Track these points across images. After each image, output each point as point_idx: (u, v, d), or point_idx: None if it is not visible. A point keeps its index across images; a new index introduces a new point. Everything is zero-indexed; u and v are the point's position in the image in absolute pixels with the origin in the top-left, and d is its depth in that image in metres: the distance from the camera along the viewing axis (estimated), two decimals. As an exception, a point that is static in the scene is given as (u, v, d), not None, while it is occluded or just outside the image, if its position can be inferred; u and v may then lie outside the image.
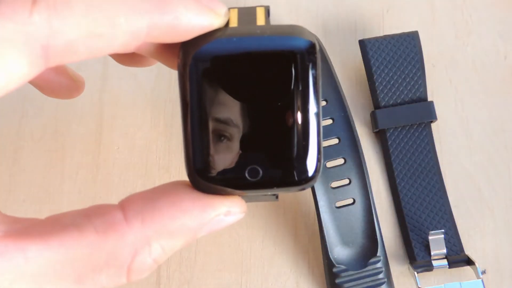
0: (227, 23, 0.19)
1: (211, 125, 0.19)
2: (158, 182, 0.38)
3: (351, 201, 0.34)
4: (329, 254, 0.33)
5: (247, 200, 0.21)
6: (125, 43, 0.18)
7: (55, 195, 0.38)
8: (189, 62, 0.18)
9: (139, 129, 0.39)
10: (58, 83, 0.25)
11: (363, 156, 0.34)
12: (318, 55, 0.18)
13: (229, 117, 0.19)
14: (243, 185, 0.19)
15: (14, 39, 0.16)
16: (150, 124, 0.40)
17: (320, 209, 0.33)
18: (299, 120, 0.18)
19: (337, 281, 0.33)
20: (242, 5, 0.42)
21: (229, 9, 0.20)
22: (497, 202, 0.37)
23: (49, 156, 0.39)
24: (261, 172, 0.19)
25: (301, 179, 0.19)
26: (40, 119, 0.39)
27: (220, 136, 0.19)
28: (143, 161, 0.39)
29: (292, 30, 0.19)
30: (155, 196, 0.19)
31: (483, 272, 0.36)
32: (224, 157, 0.19)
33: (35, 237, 0.17)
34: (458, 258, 0.35)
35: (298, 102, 0.18)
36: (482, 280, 0.33)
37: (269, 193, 0.20)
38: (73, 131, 0.39)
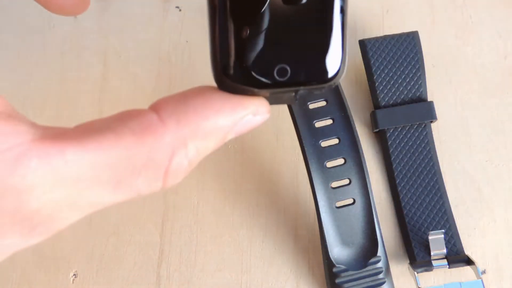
0: None
1: (238, 25, 0.19)
2: (158, 182, 0.38)
3: (351, 201, 0.34)
4: (329, 254, 0.33)
5: (270, 102, 0.21)
6: None
7: (55, 195, 0.38)
8: None
9: (139, 129, 0.39)
10: None
11: (363, 156, 0.34)
12: None
13: (256, 17, 0.19)
14: (271, 84, 0.19)
15: None
16: (150, 124, 0.39)
17: (320, 209, 0.33)
18: (325, 18, 0.19)
19: (337, 281, 0.33)
20: None
21: None
22: (497, 202, 0.37)
23: (49, 156, 0.39)
24: (289, 70, 0.19)
25: (326, 77, 0.19)
26: (40, 119, 0.39)
27: (248, 36, 0.19)
28: (143, 161, 0.39)
29: None
30: (186, 98, 0.19)
31: (483, 272, 0.36)
32: (252, 57, 0.19)
33: (71, 140, 0.17)
34: (458, 258, 0.35)
35: (323, 6, 0.19)
36: (482, 280, 0.33)
37: (294, 92, 0.20)
38: None
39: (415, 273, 0.34)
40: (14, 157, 0.16)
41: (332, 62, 0.19)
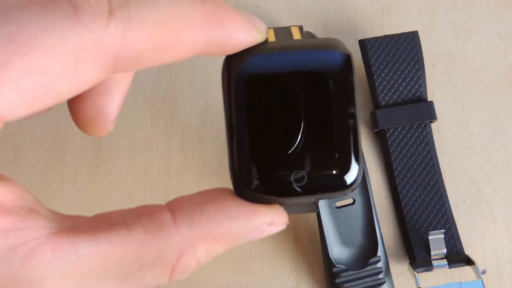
0: (266, 40, 0.20)
1: (255, 135, 0.20)
2: (158, 182, 0.38)
3: (351, 201, 0.34)
4: (329, 254, 0.33)
5: (289, 211, 0.21)
6: (183, 56, 0.19)
7: (55, 195, 0.38)
8: (234, 75, 0.19)
9: (139, 129, 0.39)
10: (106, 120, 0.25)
11: (363, 156, 0.34)
12: (354, 65, 0.20)
13: (272, 127, 0.20)
14: (288, 192, 0.20)
15: (90, 48, 0.16)
16: (150, 124, 0.40)
17: (320, 209, 0.33)
18: (339, 127, 0.19)
19: (337, 281, 0.33)
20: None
21: (267, 29, 0.21)
22: (497, 202, 0.37)
23: (49, 156, 0.39)
24: (306, 177, 0.19)
25: (344, 184, 0.20)
26: (40, 119, 0.39)
27: (264, 146, 0.20)
28: (143, 161, 0.39)
29: (329, 43, 0.20)
30: (203, 200, 0.20)
31: (483, 272, 0.36)
32: (269, 166, 0.20)
33: (85, 234, 0.18)
34: (458, 258, 0.35)
35: (338, 110, 0.19)
36: (482, 280, 0.33)
37: (312, 200, 0.21)
38: (73, 131, 0.40)
39: (415, 273, 0.34)
40: (29, 251, 0.17)
41: (349, 169, 0.19)
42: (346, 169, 0.19)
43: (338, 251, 0.34)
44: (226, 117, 0.20)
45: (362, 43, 0.39)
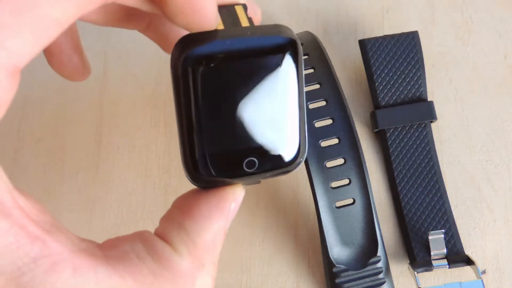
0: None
1: (206, 122, 0.20)
2: (158, 182, 0.38)
3: (351, 201, 0.34)
4: (329, 254, 0.33)
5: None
6: None
7: (55, 195, 0.38)
8: (182, 62, 0.19)
9: (139, 129, 0.39)
10: (69, 57, 0.25)
11: (363, 156, 0.34)
12: (300, 51, 0.20)
13: (223, 115, 0.20)
14: (240, 175, 0.21)
15: None
16: (150, 124, 0.40)
17: (320, 209, 0.33)
18: (285, 112, 0.21)
19: (337, 281, 0.33)
20: None
21: None
22: (497, 202, 0.37)
23: (49, 156, 0.39)
24: (256, 163, 0.21)
25: (289, 164, 0.21)
26: (40, 119, 0.40)
27: (215, 133, 0.20)
28: (143, 161, 0.39)
29: (275, 30, 0.20)
30: (180, 218, 0.20)
31: (483, 272, 0.36)
32: (221, 153, 0.20)
33: (101, 259, 0.18)
34: (458, 258, 0.35)
35: (283, 94, 0.20)
36: (482, 280, 0.33)
37: (260, 179, 0.22)
38: (73, 131, 0.40)
39: (415, 273, 0.34)
40: (51, 265, 0.17)
41: (293, 151, 0.21)
42: (290, 152, 0.21)
43: (338, 251, 0.34)
44: (176, 106, 0.20)
45: (362, 43, 0.39)
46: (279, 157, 0.21)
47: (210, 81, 0.20)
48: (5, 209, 0.16)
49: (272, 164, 0.21)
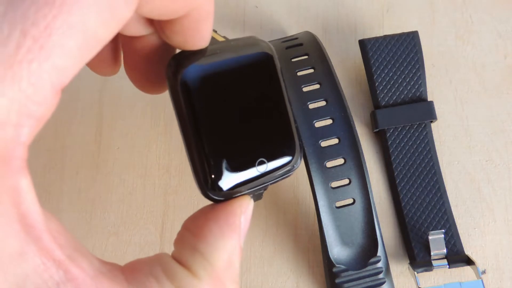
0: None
1: (211, 136, 0.21)
2: (158, 182, 0.38)
3: (351, 201, 0.34)
4: (329, 254, 0.33)
5: None
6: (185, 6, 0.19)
7: (55, 195, 0.38)
8: (182, 77, 0.21)
9: (139, 129, 0.39)
10: (108, 55, 0.26)
11: (363, 156, 0.34)
12: (276, 61, 0.22)
13: (224, 123, 0.21)
14: (253, 178, 0.21)
15: None
16: (150, 124, 0.40)
17: (320, 209, 0.33)
18: (278, 114, 0.22)
19: (337, 281, 0.33)
20: (243, 4, 0.42)
21: None
22: (497, 202, 0.37)
23: (49, 156, 0.39)
24: (266, 162, 0.21)
25: (292, 163, 0.22)
26: (40, 119, 0.39)
27: (222, 144, 0.21)
28: (143, 161, 0.39)
29: (251, 43, 0.22)
30: (192, 241, 0.21)
31: (483, 272, 0.36)
32: (230, 160, 0.21)
33: (122, 283, 0.18)
34: (458, 258, 0.35)
35: (274, 100, 0.22)
36: (482, 280, 0.33)
37: (267, 184, 0.23)
38: (73, 131, 0.40)
39: (415, 273, 0.34)
40: None
41: (294, 151, 0.22)
42: (292, 149, 0.22)
43: (338, 251, 0.34)
44: (180, 125, 0.21)
45: (362, 43, 0.39)
46: (283, 155, 0.22)
47: (208, 95, 0.21)
48: (36, 232, 0.17)
49: (278, 162, 0.22)
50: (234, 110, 0.21)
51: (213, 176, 0.21)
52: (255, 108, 0.22)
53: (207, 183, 0.21)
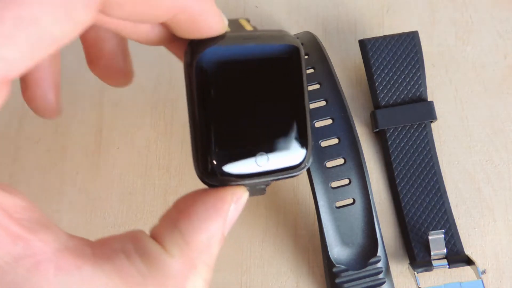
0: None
1: (218, 120, 0.20)
2: (158, 182, 0.38)
3: (351, 201, 0.34)
4: (329, 254, 0.33)
5: None
6: (158, 14, 0.19)
7: (55, 195, 0.38)
8: (196, 62, 0.20)
9: (139, 129, 0.39)
10: (45, 94, 0.26)
11: (363, 156, 0.34)
12: (302, 56, 0.21)
13: (233, 114, 0.21)
14: (251, 173, 0.21)
15: None
16: (150, 124, 0.40)
17: (320, 209, 0.33)
18: (292, 111, 0.21)
19: (337, 281, 0.33)
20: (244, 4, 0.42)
21: None
22: (497, 202, 0.37)
23: (49, 156, 0.39)
24: (268, 158, 0.21)
25: (298, 165, 0.21)
26: (40, 119, 0.39)
27: (227, 131, 0.21)
28: (143, 161, 0.39)
29: (279, 35, 0.22)
30: (174, 218, 0.20)
31: (483, 272, 0.36)
32: (232, 149, 0.21)
33: (89, 257, 0.18)
34: (458, 258, 0.35)
35: (291, 96, 0.21)
36: (482, 280, 0.33)
37: (269, 180, 0.22)
38: (73, 131, 0.40)
39: (415, 273, 0.34)
40: (34, 264, 0.16)
41: (301, 152, 0.21)
42: (300, 151, 0.21)
43: (338, 251, 0.34)
44: (189, 106, 0.21)
45: (362, 43, 0.39)
46: (289, 157, 0.21)
47: (223, 81, 0.20)
48: None
49: (282, 162, 0.21)
50: (248, 99, 0.21)
51: (210, 160, 0.20)
52: (271, 100, 0.21)
53: (204, 166, 0.20)
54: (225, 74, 0.20)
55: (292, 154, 0.21)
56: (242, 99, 0.21)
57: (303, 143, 0.21)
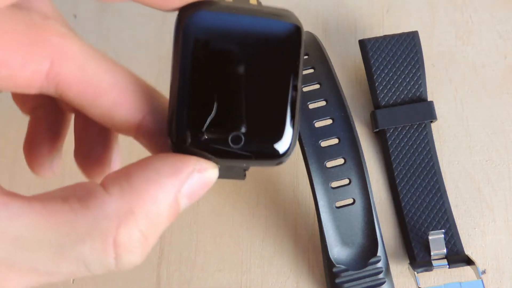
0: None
1: (198, 89, 0.19)
2: (158, 182, 0.38)
3: (351, 201, 0.34)
4: (329, 254, 0.33)
5: (219, 175, 0.21)
6: None
7: (55, 195, 0.38)
8: (183, 27, 0.19)
9: (139, 129, 0.39)
10: (50, 161, 0.26)
11: (363, 156, 0.34)
12: (303, 38, 0.20)
13: (216, 85, 0.19)
14: (224, 152, 0.19)
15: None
16: (150, 124, 0.39)
17: (320, 209, 0.33)
18: (279, 95, 0.20)
19: (337, 281, 0.33)
20: None
21: None
22: (497, 202, 0.37)
23: (49, 156, 0.39)
24: (243, 140, 0.19)
25: (276, 153, 0.20)
26: (40, 119, 0.39)
27: (206, 102, 0.19)
28: (143, 161, 0.39)
29: (282, 13, 0.20)
30: (128, 168, 0.19)
31: (483, 272, 0.36)
32: (208, 123, 0.19)
33: (20, 198, 0.17)
34: (458, 258, 0.35)
35: (280, 79, 0.20)
36: (482, 280, 0.33)
37: (244, 165, 0.21)
38: (73, 131, 0.39)
39: (415, 273, 0.34)
40: None
41: (283, 141, 0.20)
42: (280, 138, 0.20)
43: (338, 251, 0.34)
44: (172, 70, 0.20)
45: (362, 43, 0.39)
46: (268, 142, 0.20)
47: (210, 49, 0.19)
48: None
49: (259, 147, 0.20)
50: (234, 73, 0.19)
51: (182, 128, 0.19)
52: (260, 79, 0.20)
53: (176, 133, 0.19)
54: (213, 42, 0.19)
55: (271, 141, 0.20)
56: (228, 71, 0.19)
57: (286, 131, 0.20)
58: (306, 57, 0.35)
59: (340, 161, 0.34)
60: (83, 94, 0.19)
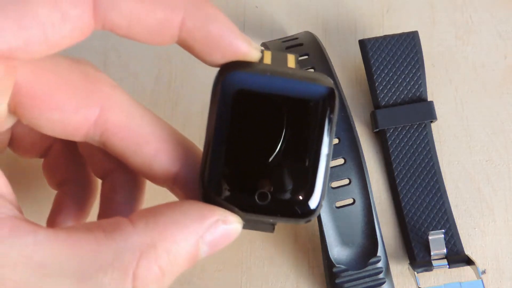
0: (261, 60, 0.21)
1: (231, 144, 0.20)
2: (158, 182, 0.38)
3: (351, 201, 0.34)
4: (329, 254, 0.33)
5: (246, 226, 0.22)
6: (159, 34, 0.20)
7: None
8: (221, 84, 0.20)
9: (139, 129, 0.39)
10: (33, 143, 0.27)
11: (363, 156, 0.34)
12: (337, 102, 0.20)
13: (248, 143, 0.20)
14: (250, 207, 0.20)
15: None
16: (150, 124, 0.39)
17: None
18: (311, 159, 0.20)
19: (337, 281, 0.33)
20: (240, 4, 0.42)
21: (263, 50, 0.22)
22: (497, 202, 0.37)
23: (49, 156, 0.39)
24: (269, 197, 0.20)
25: (303, 213, 0.21)
26: (40, 119, 0.39)
27: (237, 159, 0.20)
28: (143, 161, 0.39)
29: (317, 77, 0.21)
30: (158, 206, 0.20)
31: (483, 272, 0.36)
32: (237, 178, 0.20)
33: (45, 227, 0.18)
34: (458, 258, 0.35)
35: (313, 142, 0.20)
36: (482, 280, 0.33)
37: (271, 220, 0.21)
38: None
39: (415, 273, 0.34)
40: None
41: (310, 201, 0.21)
42: (306, 201, 0.20)
43: (338, 251, 0.34)
44: (208, 123, 0.21)
45: (362, 43, 0.39)
46: (294, 203, 0.21)
47: (246, 108, 0.20)
48: None
49: (285, 206, 0.21)
50: (266, 131, 0.20)
51: (213, 179, 0.20)
52: (290, 140, 0.20)
53: (206, 183, 0.20)
54: (250, 102, 0.20)
55: (297, 202, 0.20)
56: (261, 130, 0.20)
57: (312, 194, 0.20)
58: (306, 57, 0.35)
59: (340, 161, 0.34)
60: (127, 141, 0.20)
